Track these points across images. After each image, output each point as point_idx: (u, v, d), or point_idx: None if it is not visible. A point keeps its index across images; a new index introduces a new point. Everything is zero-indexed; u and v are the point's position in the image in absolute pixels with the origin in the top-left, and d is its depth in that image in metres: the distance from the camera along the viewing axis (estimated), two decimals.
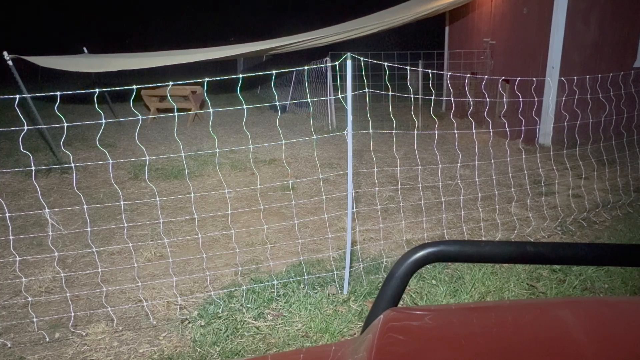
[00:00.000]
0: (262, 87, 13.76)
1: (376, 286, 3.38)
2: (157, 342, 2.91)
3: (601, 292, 3.26)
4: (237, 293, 3.33)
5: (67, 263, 3.94)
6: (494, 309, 1.00)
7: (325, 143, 7.88)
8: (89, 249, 4.08)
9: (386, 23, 8.45)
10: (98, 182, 6.00)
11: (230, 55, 8.73)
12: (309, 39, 8.13)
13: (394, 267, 0.98)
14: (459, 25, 10.15)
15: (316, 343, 2.82)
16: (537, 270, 3.53)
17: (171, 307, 3.27)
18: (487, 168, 5.60)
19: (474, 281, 3.38)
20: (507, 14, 8.22)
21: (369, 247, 4.12)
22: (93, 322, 3.11)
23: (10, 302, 3.37)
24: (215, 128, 9.12)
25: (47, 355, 2.81)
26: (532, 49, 7.40)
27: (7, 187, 5.79)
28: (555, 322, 0.83)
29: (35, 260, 3.93)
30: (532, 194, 4.94)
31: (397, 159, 5.08)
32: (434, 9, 8.48)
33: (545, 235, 4.24)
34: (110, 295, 3.41)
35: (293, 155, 7.22)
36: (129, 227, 4.37)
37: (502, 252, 0.98)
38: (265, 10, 21.03)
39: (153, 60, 7.83)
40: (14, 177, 6.10)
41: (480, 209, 4.54)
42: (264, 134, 8.70)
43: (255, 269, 3.79)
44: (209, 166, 6.57)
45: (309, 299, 3.23)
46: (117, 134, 8.46)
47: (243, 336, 2.90)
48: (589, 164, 5.20)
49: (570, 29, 6.91)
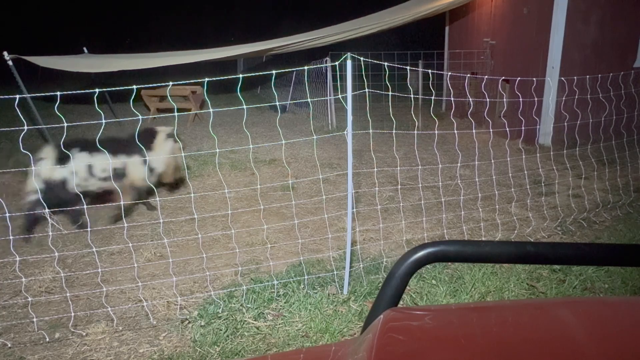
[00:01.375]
0: (262, 87, 13.77)
1: (376, 286, 3.38)
2: (157, 342, 2.91)
3: (601, 292, 3.26)
4: (237, 293, 3.33)
5: (67, 263, 3.95)
6: (494, 309, 1.00)
7: (325, 143, 7.88)
8: (89, 249, 4.08)
9: (386, 23, 8.45)
10: None
11: (231, 56, 8.73)
12: (309, 39, 8.13)
13: (394, 267, 0.98)
14: (459, 25, 10.15)
15: (316, 343, 2.82)
16: (537, 270, 3.53)
17: (171, 307, 3.27)
18: (487, 168, 5.60)
19: (474, 281, 3.38)
20: (507, 14, 8.22)
21: (369, 247, 4.12)
22: (93, 322, 3.11)
23: (11, 302, 3.37)
24: (215, 128, 9.12)
25: (47, 355, 2.81)
26: (532, 49, 7.40)
27: (7, 187, 5.79)
28: (555, 322, 0.83)
29: (35, 260, 3.93)
30: (532, 194, 4.94)
31: (397, 159, 5.08)
32: (434, 9, 8.48)
33: (545, 235, 4.24)
34: (110, 295, 3.41)
35: (293, 155, 7.22)
36: (128, 227, 4.37)
37: (502, 252, 0.98)
38: (265, 11, 21.04)
39: (153, 61, 7.83)
40: (14, 177, 6.10)
41: (480, 209, 4.54)
42: (264, 134, 8.70)
43: (255, 269, 3.79)
44: (209, 166, 6.57)
45: (309, 299, 3.22)
46: (117, 133, 8.46)
47: (243, 336, 2.90)
48: (589, 164, 5.19)
49: (570, 29, 6.91)
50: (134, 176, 4.53)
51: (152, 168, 4.69)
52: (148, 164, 4.53)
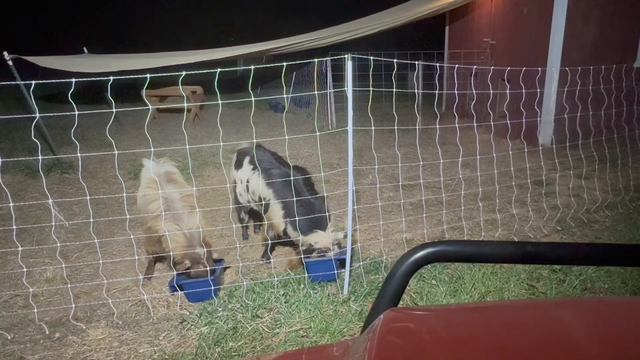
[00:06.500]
0: (262, 87, 13.76)
1: (376, 286, 3.38)
2: (157, 342, 2.91)
3: (601, 292, 3.26)
4: (237, 292, 3.33)
5: (68, 263, 3.94)
6: (494, 309, 1.00)
7: (325, 142, 7.88)
8: (90, 250, 4.08)
9: (386, 23, 8.45)
10: (98, 182, 6.01)
11: (231, 56, 8.73)
12: (309, 40, 8.13)
13: (394, 267, 0.98)
14: (459, 25, 10.14)
15: (316, 343, 2.82)
16: (537, 270, 3.53)
17: (171, 307, 3.27)
18: (487, 167, 5.59)
19: (474, 281, 3.38)
20: (507, 14, 8.21)
21: (369, 247, 4.11)
22: (93, 322, 3.11)
23: (11, 302, 3.37)
24: (215, 128, 9.11)
25: (47, 355, 2.81)
26: (532, 49, 7.40)
27: (7, 187, 5.79)
28: (555, 322, 0.83)
29: (35, 261, 3.93)
30: (532, 193, 4.93)
31: (397, 158, 5.08)
32: (434, 9, 8.47)
33: (545, 234, 4.24)
34: (110, 295, 3.40)
35: (293, 154, 7.22)
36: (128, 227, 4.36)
37: (502, 252, 0.98)
38: (265, 11, 21.04)
39: (153, 61, 7.82)
40: (14, 177, 6.10)
41: (481, 207, 4.54)
42: (264, 134, 8.69)
43: (256, 269, 3.79)
44: (209, 166, 6.57)
45: (309, 299, 3.22)
46: (117, 134, 8.47)
47: (243, 336, 2.90)
48: (588, 164, 5.19)
49: (570, 29, 6.90)
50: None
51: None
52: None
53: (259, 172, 3.69)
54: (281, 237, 3.70)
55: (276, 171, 3.69)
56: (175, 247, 3.22)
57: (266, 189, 3.65)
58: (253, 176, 3.79)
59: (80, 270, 3.83)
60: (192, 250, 3.22)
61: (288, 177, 3.47)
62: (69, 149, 7.22)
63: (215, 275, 3.28)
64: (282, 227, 3.60)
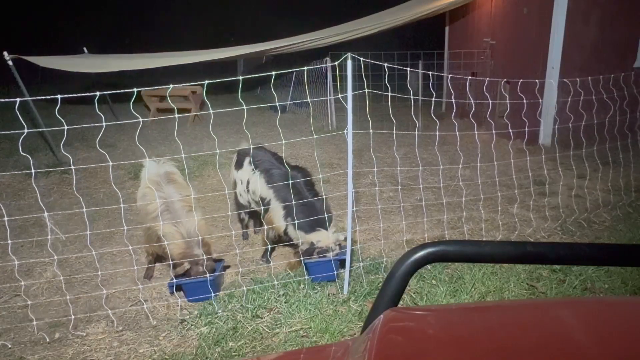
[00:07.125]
0: (262, 87, 13.76)
1: (376, 286, 3.38)
2: (157, 342, 2.91)
3: (601, 292, 3.26)
4: (237, 293, 3.33)
5: (67, 264, 3.94)
6: (494, 309, 1.00)
7: (325, 143, 7.87)
8: (89, 252, 4.08)
9: (386, 23, 8.45)
10: (98, 182, 6.01)
11: (231, 56, 8.73)
12: (309, 40, 8.13)
13: (394, 267, 0.98)
14: (459, 25, 10.15)
15: (316, 343, 2.82)
16: (537, 270, 3.53)
17: (171, 308, 3.27)
18: (488, 168, 5.59)
19: (474, 281, 3.37)
20: (507, 14, 8.21)
21: (369, 247, 4.11)
22: (93, 322, 3.11)
23: (11, 302, 3.37)
24: (215, 128, 9.11)
25: (47, 355, 2.81)
26: (532, 49, 7.40)
27: (7, 187, 5.79)
28: (555, 322, 0.83)
29: (35, 261, 3.93)
30: (533, 195, 4.94)
31: (397, 159, 5.09)
32: (434, 9, 8.48)
33: (545, 235, 4.24)
34: (110, 296, 3.40)
35: (293, 155, 7.22)
36: (128, 227, 4.36)
37: (502, 252, 0.98)
38: (265, 11, 21.03)
39: (153, 61, 7.83)
40: (14, 177, 6.10)
41: (482, 209, 4.54)
42: (264, 134, 8.69)
43: (256, 269, 3.79)
44: (209, 166, 6.56)
45: (309, 299, 3.22)
46: (117, 134, 8.46)
47: (243, 336, 2.90)
48: (589, 165, 5.18)
49: (570, 29, 6.90)
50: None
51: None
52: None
53: (259, 172, 3.69)
54: (282, 238, 3.68)
55: (277, 171, 3.68)
56: (173, 249, 3.22)
57: (267, 189, 3.65)
58: (253, 176, 3.80)
59: (80, 270, 3.83)
60: (191, 252, 3.22)
61: (288, 178, 3.46)
62: (69, 149, 7.22)
63: (214, 276, 3.28)
64: (282, 227, 3.60)
